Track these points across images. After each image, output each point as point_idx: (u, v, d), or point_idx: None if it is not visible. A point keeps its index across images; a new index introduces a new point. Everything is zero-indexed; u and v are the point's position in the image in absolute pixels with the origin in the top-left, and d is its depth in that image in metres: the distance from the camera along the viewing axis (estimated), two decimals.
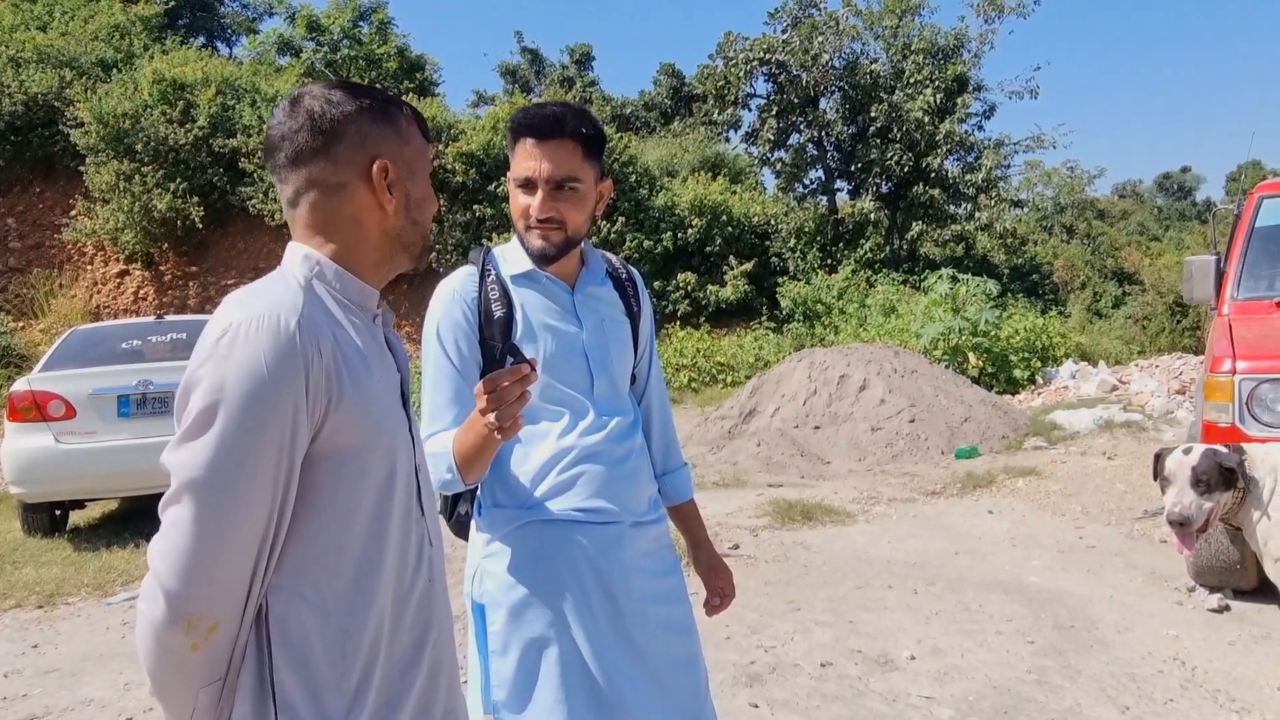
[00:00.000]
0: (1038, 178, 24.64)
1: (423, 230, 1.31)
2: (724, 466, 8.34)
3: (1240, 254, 4.80)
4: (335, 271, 1.22)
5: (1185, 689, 3.37)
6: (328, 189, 1.22)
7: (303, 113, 1.21)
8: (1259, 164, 32.05)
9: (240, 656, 1.13)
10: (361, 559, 1.18)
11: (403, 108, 1.28)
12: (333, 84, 1.25)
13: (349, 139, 1.21)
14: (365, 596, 1.18)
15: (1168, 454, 3.14)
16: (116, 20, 19.31)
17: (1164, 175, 51.35)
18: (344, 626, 1.16)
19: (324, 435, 1.14)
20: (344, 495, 1.17)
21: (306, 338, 1.10)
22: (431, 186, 1.33)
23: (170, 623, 1.06)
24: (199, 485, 1.05)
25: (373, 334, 1.27)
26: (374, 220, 1.24)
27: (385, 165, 1.22)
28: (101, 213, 16.06)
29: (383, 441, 1.21)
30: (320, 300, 1.19)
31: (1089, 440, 8.37)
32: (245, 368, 1.06)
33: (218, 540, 1.06)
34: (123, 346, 6.68)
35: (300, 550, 1.15)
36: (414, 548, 1.27)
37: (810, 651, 3.81)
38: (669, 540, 1.90)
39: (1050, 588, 4.57)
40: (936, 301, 13.01)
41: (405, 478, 1.26)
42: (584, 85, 31.86)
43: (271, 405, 1.07)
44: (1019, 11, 18.92)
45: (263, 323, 1.09)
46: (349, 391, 1.15)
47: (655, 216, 17.60)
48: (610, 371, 1.80)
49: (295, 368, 1.08)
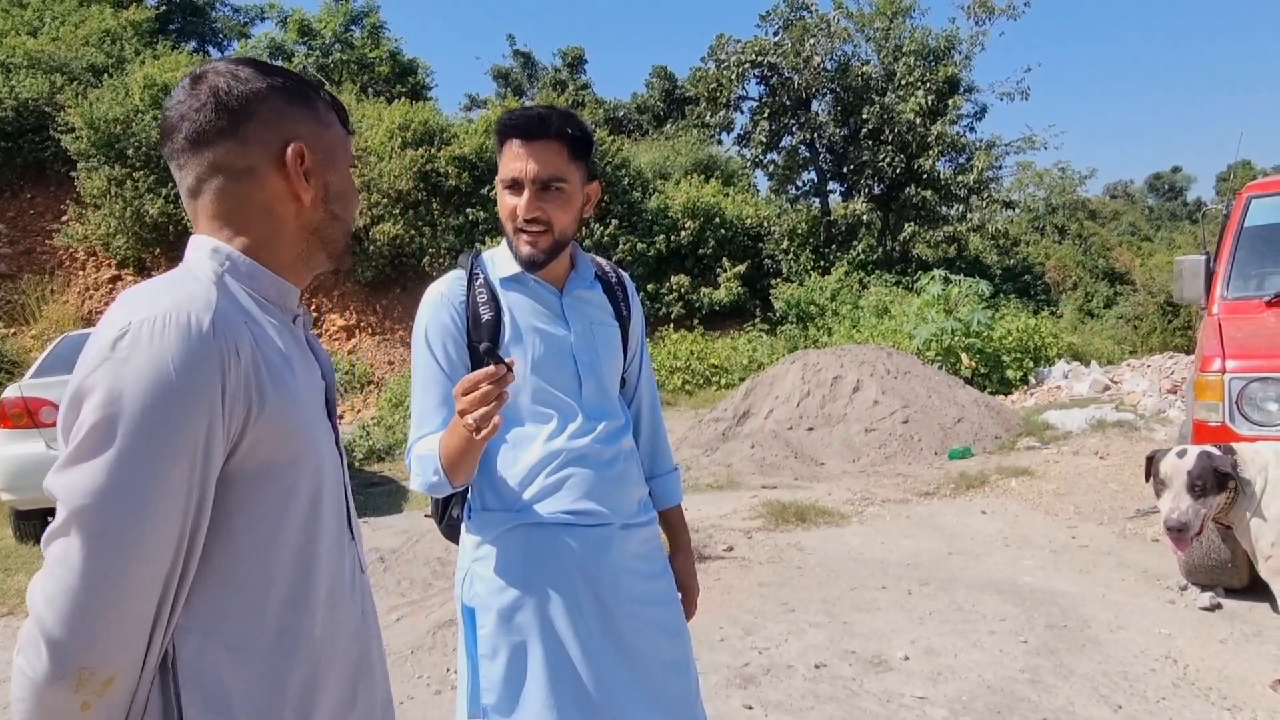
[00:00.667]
0: (1029, 179, 24.73)
1: (344, 226, 1.17)
2: (718, 468, 8.35)
3: (1229, 254, 4.82)
4: (249, 266, 1.08)
5: (1177, 687, 3.39)
6: (235, 174, 1.07)
7: (205, 90, 1.07)
8: (1249, 164, 32.22)
9: (141, 710, 0.96)
10: (287, 592, 1.04)
11: (320, 92, 1.16)
12: (240, 60, 1.12)
13: (260, 118, 1.07)
14: (292, 635, 1.04)
15: (1161, 457, 3.15)
16: (107, 25, 19.30)
17: (1155, 175, 51.57)
18: (269, 670, 1.02)
19: (243, 450, 0.99)
20: (266, 519, 1.02)
21: (222, 337, 0.96)
22: (353, 181, 1.20)
23: (56, 679, 0.88)
24: (91, 515, 0.89)
25: (294, 336, 1.13)
26: (289, 211, 1.10)
27: (301, 149, 1.08)
28: (93, 218, 16.02)
29: (310, 455, 1.07)
30: (234, 298, 1.04)
31: (1081, 440, 8.40)
32: (148, 374, 0.91)
33: (114, 580, 0.89)
34: None
35: (215, 585, 1.00)
36: (346, 576, 1.14)
37: (804, 653, 3.81)
38: (659, 542, 1.90)
39: (1043, 587, 4.58)
40: (929, 303, 13.04)
41: (334, 497, 1.13)
42: (576, 88, 31.87)
43: (180, 418, 0.92)
44: (1009, 13, 18.99)
45: (170, 320, 0.93)
46: (272, 398, 1.00)
47: (648, 219, 17.61)
48: (598, 374, 1.80)
49: (209, 372, 0.94)
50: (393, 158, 16.12)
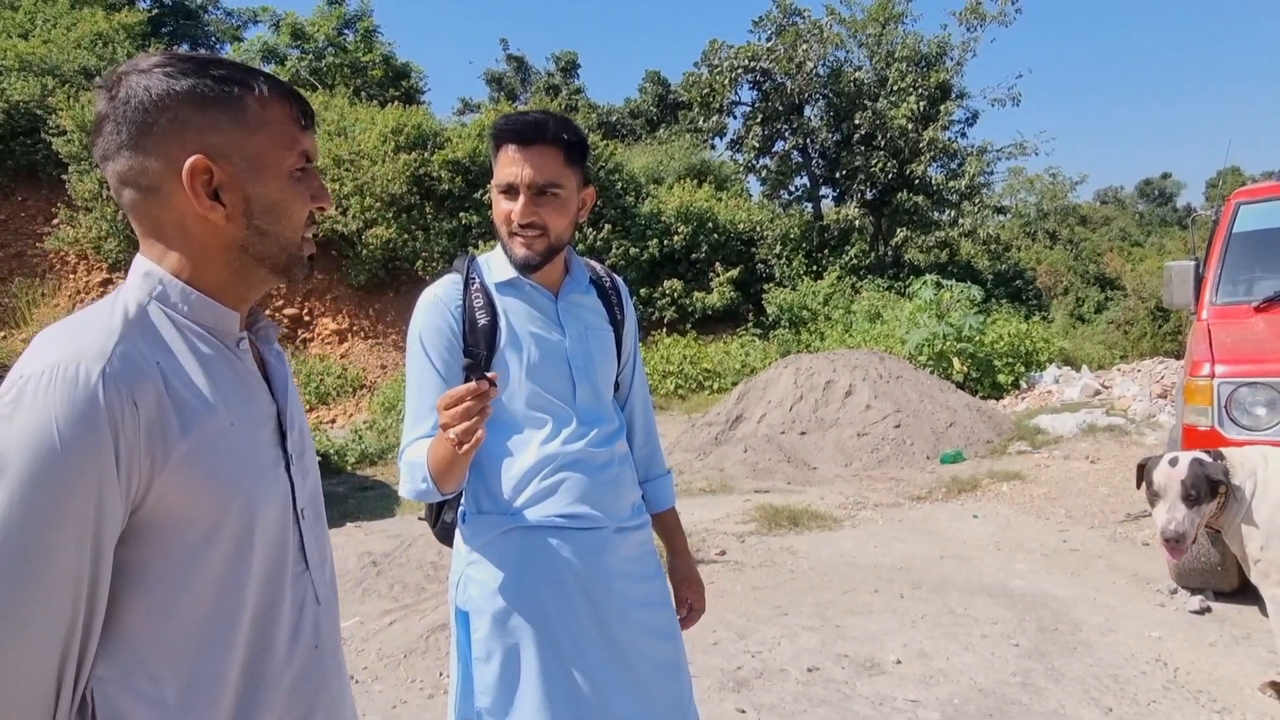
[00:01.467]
0: (1020, 184, 24.81)
1: (278, 240, 1.05)
2: (711, 473, 8.36)
3: (1218, 259, 4.85)
4: (181, 291, 1.02)
5: (1167, 690, 3.41)
6: (141, 190, 1.00)
7: (117, 96, 0.99)
8: (1238, 170, 32.44)
9: None
10: (211, 640, 0.99)
11: (254, 86, 1.02)
12: (165, 58, 1.01)
13: (159, 129, 0.98)
14: (218, 683, 0.99)
15: (1153, 465, 3.15)
16: (99, 28, 19.24)
17: (1145, 182, 51.87)
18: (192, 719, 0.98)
19: (150, 502, 0.93)
20: (180, 569, 0.97)
21: (115, 390, 0.89)
22: (308, 182, 1.08)
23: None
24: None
25: (232, 365, 1.06)
26: (204, 230, 1.01)
27: (204, 165, 0.98)
28: (84, 221, 15.97)
29: (235, 497, 1.00)
30: (154, 332, 0.98)
31: (1072, 444, 8.43)
32: (31, 435, 0.85)
33: (7, 647, 0.85)
34: None
35: (131, 636, 0.95)
36: (290, 612, 1.08)
37: (797, 656, 3.82)
38: (652, 546, 1.91)
39: (1034, 591, 4.60)
40: (921, 307, 13.08)
41: (275, 532, 1.06)
42: (570, 93, 31.92)
43: (66, 480, 0.86)
44: (1001, 20, 19.10)
45: (56, 375, 0.87)
46: (181, 446, 0.94)
47: (641, 224, 17.64)
48: (593, 379, 1.81)
49: (97, 431, 0.87)
50: (385, 162, 16.11)
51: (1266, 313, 4.47)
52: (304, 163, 1.07)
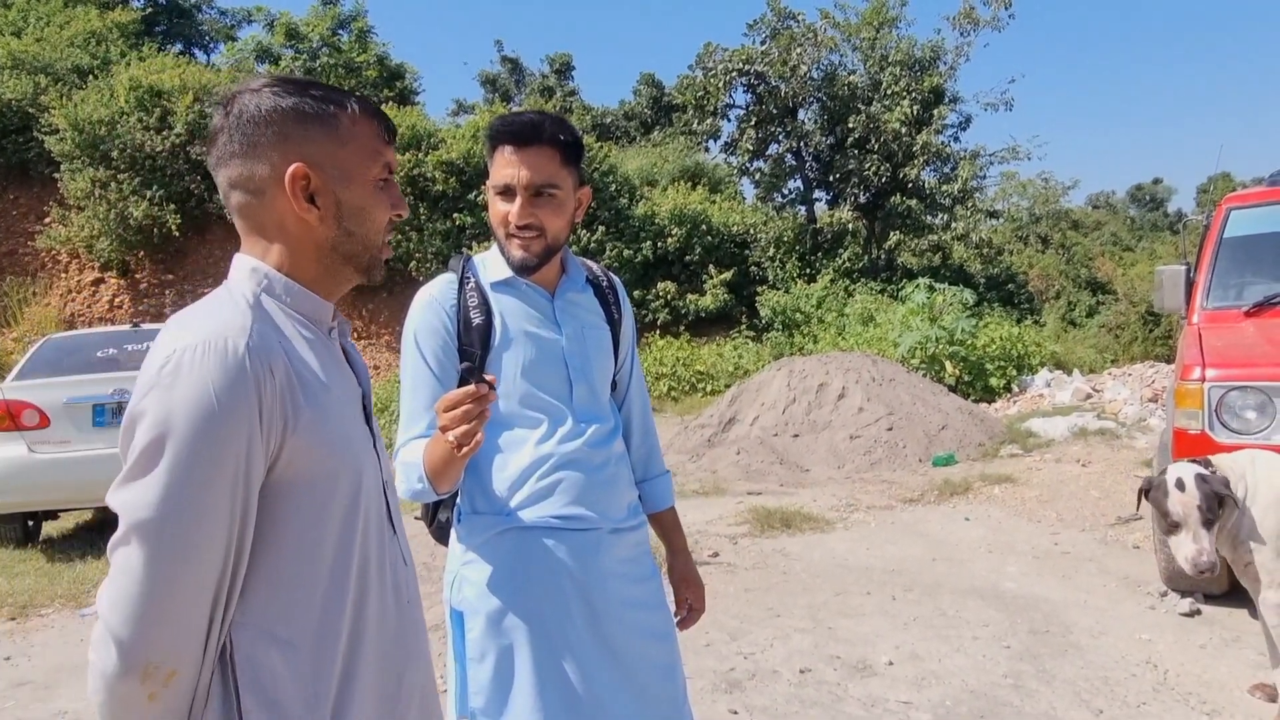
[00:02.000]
0: (1013, 188, 24.92)
1: (363, 241, 1.19)
2: (704, 475, 8.37)
3: (1209, 264, 4.88)
4: (284, 284, 1.15)
5: (1157, 692, 3.42)
6: (249, 193, 1.14)
7: (232, 112, 1.14)
8: (1229, 176, 32.60)
9: (203, 702, 1.05)
10: (330, 590, 1.12)
11: (347, 104, 1.17)
12: (271, 80, 1.16)
13: (266, 141, 1.12)
14: (335, 628, 1.12)
15: (1161, 491, 3.04)
16: (93, 26, 19.18)
17: (1136, 187, 52.04)
18: (315, 662, 1.10)
19: (281, 463, 1.07)
20: (306, 526, 1.10)
21: (257, 361, 1.03)
22: (389, 192, 1.21)
23: (124, 674, 0.98)
24: (148, 526, 0.98)
25: (329, 349, 1.19)
26: (301, 230, 1.15)
27: (304, 171, 1.12)
28: (76, 220, 15.90)
29: (346, 463, 1.14)
30: (270, 317, 1.11)
31: (1064, 447, 8.47)
32: (192, 398, 0.99)
33: (171, 584, 0.98)
34: (98, 355, 6.62)
35: (264, 586, 1.08)
36: (388, 571, 1.21)
37: (789, 658, 3.83)
38: (648, 546, 1.91)
39: (1026, 593, 4.62)
40: (914, 310, 13.11)
41: (374, 498, 1.19)
42: (564, 94, 31.93)
43: (223, 437, 1.00)
44: (993, 25, 19.15)
45: (209, 348, 1.01)
46: (305, 413, 1.07)
47: (635, 226, 17.65)
48: (590, 378, 1.81)
49: (246, 394, 1.01)
50: None
51: (1257, 317, 4.50)
52: (386, 173, 1.20)
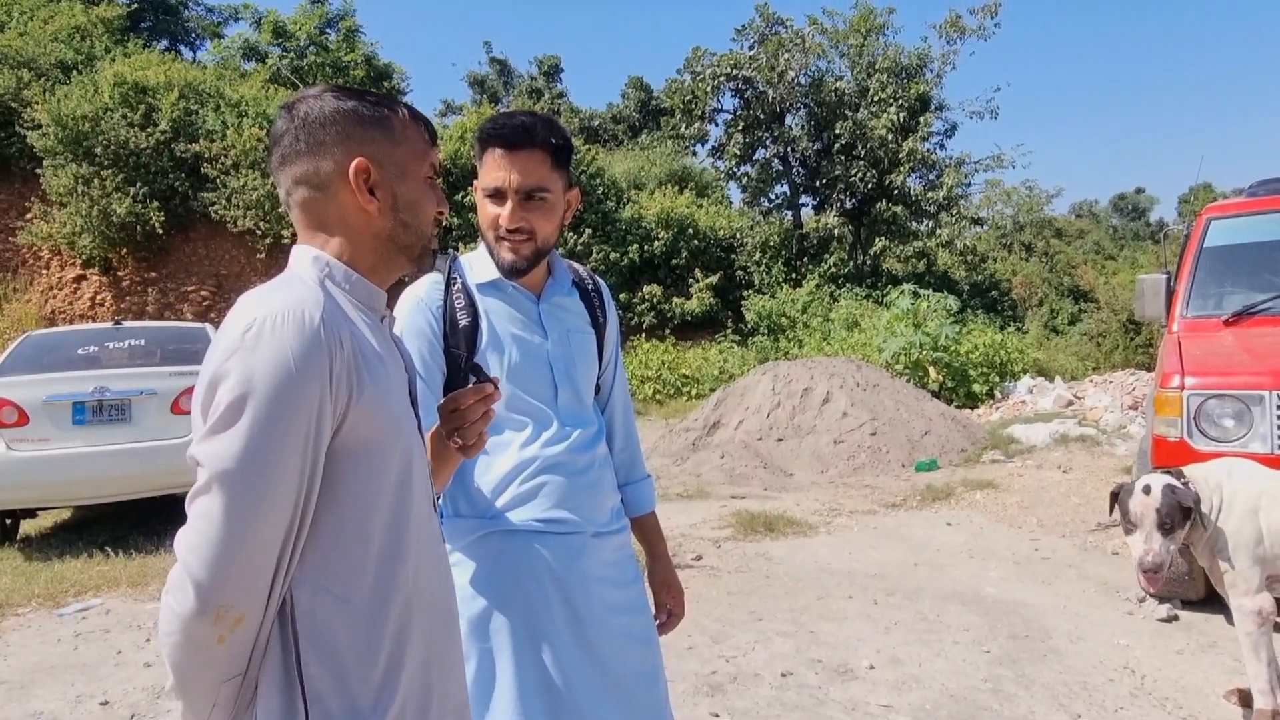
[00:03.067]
0: (997, 196, 25.14)
1: (416, 232, 1.30)
2: (688, 478, 8.38)
3: (1189, 273, 4.93)
4: (344, 272, 1.24)
5: (1135, 697, 3.45)
6: (313, 188, 1.24)
7: (295, 114, 1.24)
8: (1209, 186, 32.93)
9: (262, 651, 1.13)
10: (383, 553, 1.19)
11: (398, 109, 1.29)
12: (330, 86, 1.27)
13: (331, 139, 1.22)
14: (387, 590, 1.19)
15: (1127, 494, 3.12)
16: (77, 21, 19.03)
17: (1119, 196, 52.48)
18: (369, 620, 1.17)
19: (345, 429, 1.14)
20: (365, 490, 1.18)
21: (329, 331, 1.11)
22: (435, 189, 1.32)
23: (199, 614, 1.05)
24: (229, 477, 1.05)
25: (383, 334, 1.28)
26: (362, 221, 1.25)
27: (365, 166, 1.22)
28: (59, 216, 15.75)
29: (400, 438, 1.22)
30: (334, 299, 1.20)
31: (1045, 454, 8.53)
32: (273, 360, 1.07)
33: (246, 532, 1.06)
34: (79, 352, 6.56)
35: (324, 544, 1.15)
36: (433, 545, 1.30)
37: (771, 661, 3.84)
38: (631, 550, 1.91)
39: (1006, 598, 4.65)
40: (898, 316, 13.18)
41: (421, 476, 1.28)
42: (552, 97, 31.92)
43: (298, 398, 1.07)
44: (979, 34, 19.32)
45: (288, 316, 1.09)
46: (368, 386, 1.16)
47: (622, 229, 17.67)
48: (574, 382, 1.81)
49: (320, 361, 1.09)
50: None
51: (1235, 326, 4.55)
52: (433, 173, 1.32)
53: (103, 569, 5.48)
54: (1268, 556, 3.03)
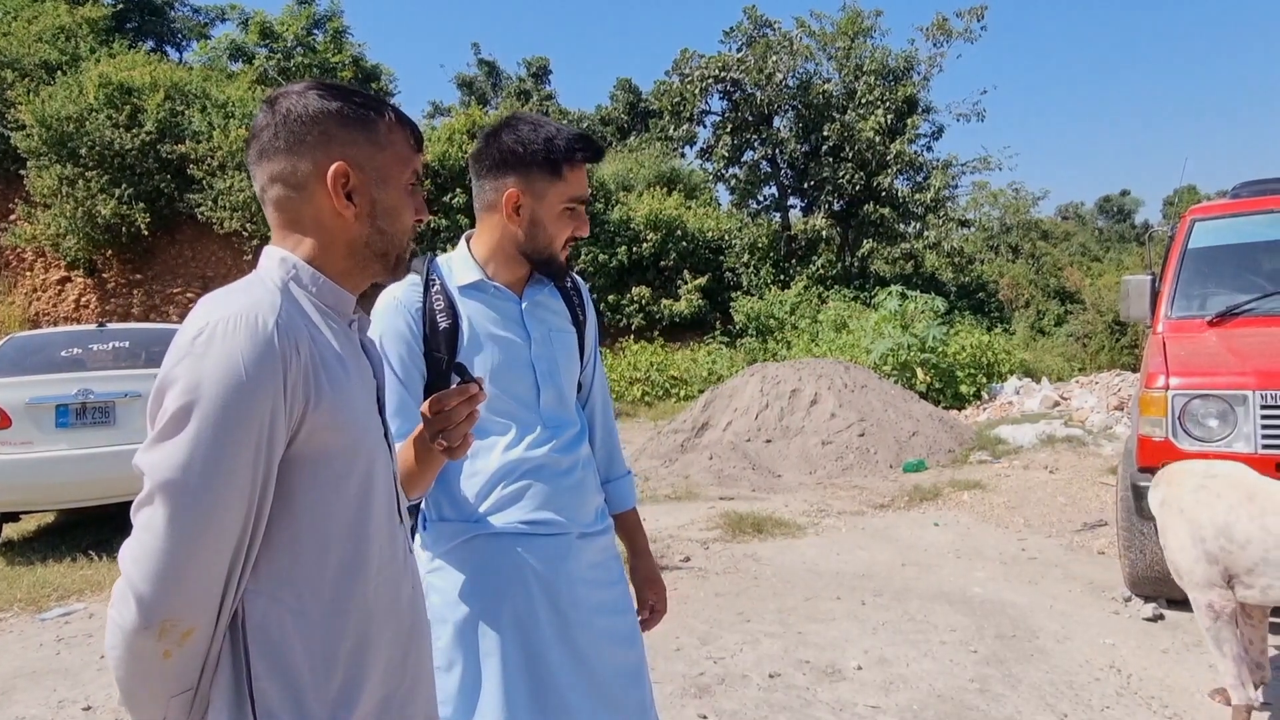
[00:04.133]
0: (984, 198, 25.21)
1: (392, 239, 1.26)
2: (676, 479, 8.38)
3: (1174, 274, 4.96)
4: (311, 275, 1.20)
5: (1121, 696, 3.47)
6: (289, 187, 1.20)
7: (277, 110, 1.20)
8: (1194, 189, 33.17)
9: (214, 665, 1.09)
10: (342, 565, 1.16)
11: (384, 112, 1.25)
12: (314, 84, 1.23)
13: (311, 139, 1.19)
14: (346, 603, 1.16)
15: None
16: (62, 22, 18.90)
17: (1104, 198, 52.79)
18: (325, 633, 1.13)
19: (302, 437, 1.11)
20: (323, 499, 1.14)
21: (284, 337, 1.08)
22: (415, 196, 1.28)
23: (142, 628, 1.02)
24: (173, 487, 1.02)
25: (349, 339, 1.25)
26: (336, 225, 1.21)
27: (345, 170, 1.19)
28: (43, 218, 15.65)
29: (362, 447, 1.18)
30: (297, 303, 1.16)
31: (1031, 454, 8.57)
32: (222, 367, 1.03)
33: (192, 543, 1.02)
34: (62, 355, 6.50)
35: (279, 555, 1.12)
36: (400, 555, 1.26)
37: (759, 662, 3.84)
38: (615, 551, 1.90)
39: (993, 598, 4.66)
40: (886, 318, 13.23)
41: (385, 485, 1.24)
42: (540, 98, 31.90)
43: (249, 405, 1.04)
44: (966, 36, 19.43)
45: (240, 321, 1.06)
46: (327, 393, 1.12)
47: (611, 230, 17.67)
48: (558, 383, 1.80)
49: (273, 367, 1.06)
50: None
51: (1219, 327, 4.58)
52: (414, 179, 1.28)
53: (86, 573, 5.43)
54: (1213, 552, 3.06)
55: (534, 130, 1.72)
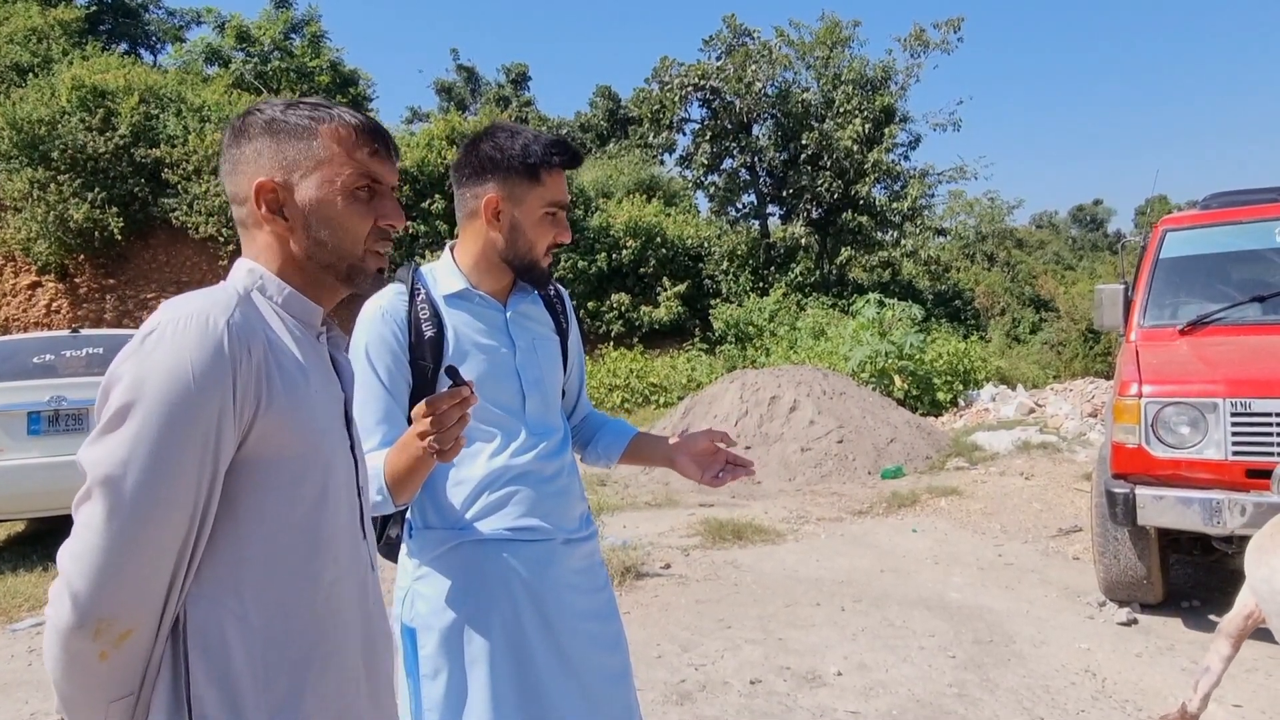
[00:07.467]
0: (960, 207, 25.42)
1: (337, 250, 1.21)
2: (656, 487, 8.38)
3: (1146, 284, 5.04)
4: (277, 285, 1.20)
5: (1096, 700, 3.51)
6: (239, 204, 1.21)
7: (232, 129, 1.22)
8: (1165, 199, 33.65)
9: (155, 670, 1.06)
10: (292, 572, 1.13)
11: (330, 119, 1.21)
12: (267, 101, 1.23)
13: (247, 157, 1.19)
14: (293, 611, 1.13)
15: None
16: (34, 24, 18.67)
17: (1078, 207, 53.51)
18: (268, 641, 1.10)
19: (251, 440, 1.09)
20: (273, 504, 1.12)
21: (235, 338, 1.06)
22: (368, 202, 1.22)
23: (77, 627, 0.99)
24: (112, 483, 1.00)
25: (315, 349, 1.23)
26: (277, 240, 1.20)
27: (269, 186, 1.17)
28: (13, 222, 15.41)
29: (319, 456, 1.16)
30: (256, 308, 1.15)
31: (1008, 461, 8.65)
32: (168, 365, 1.02)
33: (131, 541, 1.00)
34: (34, 361, 6.41)
35: (224, 558, 1.09)
36: (358, 569, 1.23)
37: (740, 669, 3.85)
38: (600, 557, 1.91)
39: (970, 604, 4.70)
40: (864, 325, 13.31)
41: (345, 497, 1.22)
42: (520, 105, 31.87)
43: (194, 404, 1.02)
44: (943, 47, 19.64)
45: (190, 321, 1.05)
46: (281, 397, 1.10)
47: (590, 237, 17.66)
48: (543, 390, 1.82)
49: (222, 368, 1.04)
50: None
51: (1190, 335, 4.65)
52: (367, 183, 1.22)
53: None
54: None
55: (512, 137, 1.73)
